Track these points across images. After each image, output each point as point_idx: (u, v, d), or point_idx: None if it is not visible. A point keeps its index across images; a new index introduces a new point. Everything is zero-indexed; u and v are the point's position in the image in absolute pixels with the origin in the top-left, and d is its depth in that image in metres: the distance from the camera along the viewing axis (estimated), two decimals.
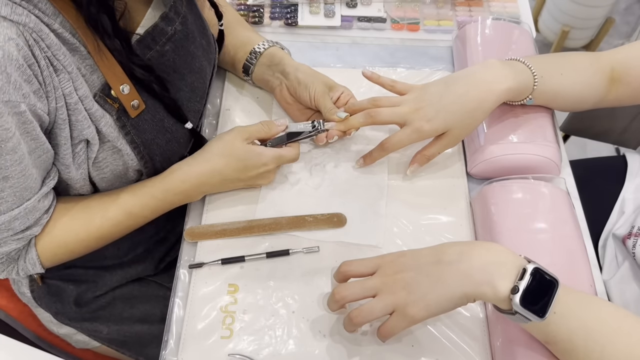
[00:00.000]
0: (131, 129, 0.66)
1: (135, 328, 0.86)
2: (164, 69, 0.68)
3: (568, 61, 0.77)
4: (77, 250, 0.71)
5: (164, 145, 0.70)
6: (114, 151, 0.66)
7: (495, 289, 0.55)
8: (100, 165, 0.67)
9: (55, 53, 0.57)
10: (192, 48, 0.73)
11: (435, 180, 0.80)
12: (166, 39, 0.68)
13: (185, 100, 0.72)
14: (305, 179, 0.80)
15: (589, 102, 0.78)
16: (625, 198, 0.92)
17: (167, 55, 0.69)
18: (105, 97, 0.63)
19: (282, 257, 0.73)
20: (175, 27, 0.69)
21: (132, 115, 0.65)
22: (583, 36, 2.00)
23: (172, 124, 0.70)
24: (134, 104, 0.65)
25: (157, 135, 0.69)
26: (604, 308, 0.57)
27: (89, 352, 0.92)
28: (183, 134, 0.72)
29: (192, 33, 0.73)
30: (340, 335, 0.67)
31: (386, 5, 1.01)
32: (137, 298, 0.86)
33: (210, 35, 0.80)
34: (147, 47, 0.66)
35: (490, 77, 0.72)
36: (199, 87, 0.76)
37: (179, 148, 0.73)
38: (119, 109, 0.64)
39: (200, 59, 0.75)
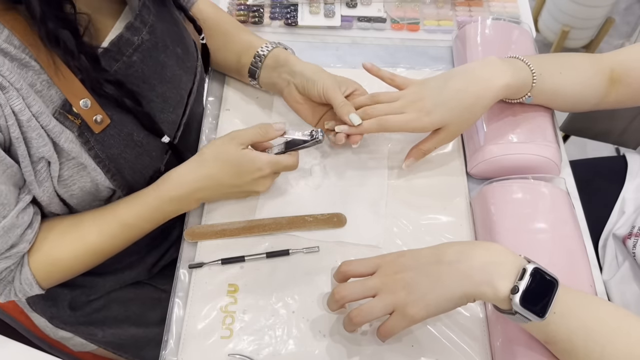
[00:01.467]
0: (95, 144, 0.63)
1: (131, 331, 0.86)
2: (132, 80, 0.66)
3: (568, 61, 0.77)
4: (75, 267, 0.69)
5: (134, 160, 0.68)
6: (80, 168, 0.64)
7: (495, 289, 0.55)
8: (67, 182, 0.64)
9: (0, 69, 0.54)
10: (162, 57, 0.71)
11: (435, 180, 0.80)
12: (133, 49, 0.66)
13: (157, 112, 0.70)
14: (305, 179, 0.80)
15: (588, 102, 0.78)
16: (626, 198, 0.92)
17: (134, 66, 0.66)
18: (65, 113, 0.60)
19: (282, 257, 0.73)
20: (142, 36, 0.67)
21: (95, 131, 0.62)
22: (583, 36, 2.00)
23: (142, 137, 0.68)
24: (96, 119, 0.62)
25: (124, 150, 0.66)
26: (603, 308, 0.57)
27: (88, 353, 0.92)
28: (155, 147, 0.70)
29: (162, 42, 0.71)
30: (340, 335, 0.67)
31: (386, 5, 1.01)
32: (132, 301, 0.86)
33: (190, 44, 0.78)
34: (112, 58, 0.64)
35: (488, 73, 0.72)
36: (172, 97, 0.73)
37: (151, 162, 0.70)
38: (81, 124, 0.61)
39: (174, 67, 0.73)
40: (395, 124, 0.73)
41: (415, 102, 0.73)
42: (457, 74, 0.74)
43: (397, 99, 0.75)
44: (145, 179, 0.71)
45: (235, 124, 0.86)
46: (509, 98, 0.77)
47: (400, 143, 0.83)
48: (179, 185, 0.69)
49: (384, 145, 0.83)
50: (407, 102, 0.73)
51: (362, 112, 0.75)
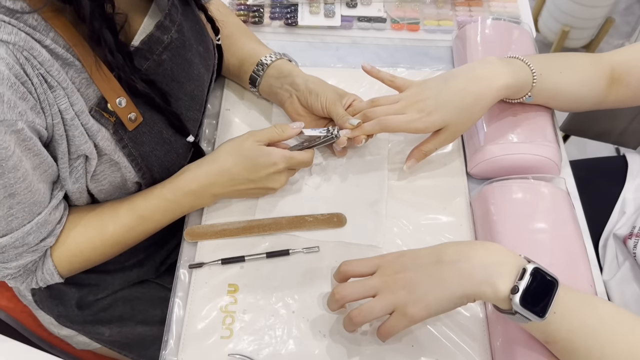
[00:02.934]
0: (128, 142, 0.65)
1: (137, 330, 0.86)
2: (162, 79, 0.67)
3: (567, 60, 0.77)
4: (93, 258, 0.71)
5: (163, 157, 0.69)
6: (112, 164, 0.66)
7: (495, 289, 0.55)
8: (98, 177, 0.66)
9: (49, 69, 0.56)
10: (189, 56, 0.72)
11: (435, 180, 0.80)
12: (163, 47, 0.67)
13: (184, 110, 0.72)
14: (305, 179, 0.80)
15: (588, 102, 0.78)
16: (626, 198, 0.92)
17: (164, 65, 0.68)
18: (101, 111, 0.62)
19: (282, 257, 0.73)
20: (172, 35, 0.68)
21: (129, 129, 0.64)
22: (583, 36, 2.00)
23: (170, 134, 0.69)
24: (131, 117, 0.64)
25: (155, 147, 0.68)
26: (604, 308, 0.57)
27: (89, 352, 0.92)
28: (182, 145, 0.72)
29: (188, 40, 0.72)
30: (340, 335, 0.67)
31: (386, 5, 1.01)
32: (139, 300, 0.86)
33: (209, 41, 0.79)
34: (143, 57, 0.65)
35: (488, 73, 0.72)
36: (198, 95, 0.75)
37: (177, 159, 0.72)
38: (116, 122, 0.63)
39: (198, 66, 0.74)
40: (396, 124, 0.73)
41: (415, 103, 0.73)
42: (457, 74, 0.74)
43: (397, 101, 0.75)
44: (170, 175, 0.72)
45: (236, 124, 0.86)
46: (510, 98, 0.77)
47: (400, 144, 0.83)
48: (193, 179, 0.70)
49: (384, 145, 0.83)
50: (408, 103, 0.73)
51: (361, 116, 0.75)
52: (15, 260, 0.64)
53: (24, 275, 0.67)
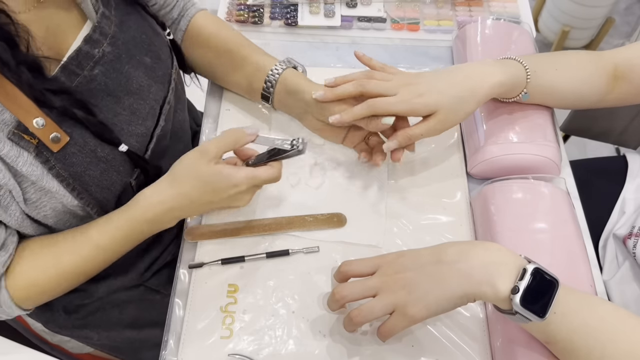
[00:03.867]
0: (56, 163, 0.60)
1: (126, 333, 0.85)
2: (95, 94, 0.64)
3: (563, 58, 0.78)
4: (52, 289, 0.67)
5: (99, 176, 0.65)
6: (44, 192, 0.61)
7: (496, 289, 0.55)
8: (36, 205, 0.62)
9: None
10: (126, 69, 0.68)
11: (435, 180, 0.80)
12: (94, 62, 0.63)
13: (125, 124, 0.67)
14: (305, 179, 0.80)
15: (589, 99, 0.78)
16: (626, 198, 0.92)
17: (97, 80, 0.64)
18: (20, 133, 0.56)
19: (282, 257, 0.73)
20: (103, 48, 0.64)
21: (54, 150, 0.59)
22: (583, 36, 2.00)
23: (107, 152, 0.65)
24: (53, 138, 0.58)
25: (88, 167, 0.63)
26: (604, 308, 0.57)
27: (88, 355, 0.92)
28: (122, 161, 0.67)
29: (126, 52, 0.68)
30: (340, 335, 0.67)
31: (386, 5, 1.01)
32: (126, 303, 0.85)
33: (162, 51, 0.75)
34: (72, 73, 0.62)
35: (482, 71, 0.72)
36: (140, 109, 0.70)
37: (119, 177, 0.67)
38: (38, 144, 0.58)
39: (140, 78, 0.70)
40: (385, 105, 0.71)
41: (408, 84, 0.72)
42: (453, 70, 0.74)
43: (391, 79, 0.74)
44: (114, 194, 0.68)
45: (236, 124, 0.86)
46: (505, 97, 0.77)
47: None
48: (150, 206, 0.66)
49: None
50: (400, 83, 0.72)
51: (356, 84, 0.73)
52: None
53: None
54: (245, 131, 0.67)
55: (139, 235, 0.68)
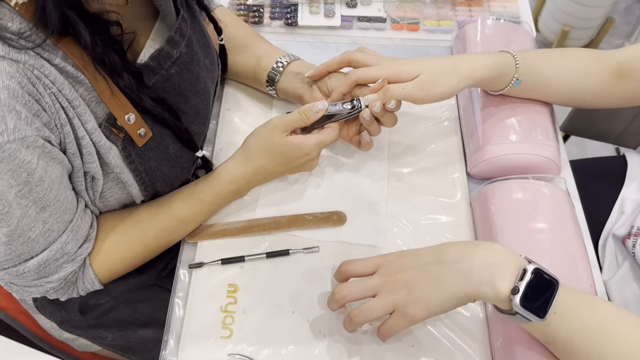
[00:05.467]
0: (136, 157, 0.65)
1: (140, 333, 0.85)
2: (168, 93, 0.67)
3: (557, 50, 0.79)
4: (134, 264, 0.72)
5: (168, 172, 0.69)
6: (118, 182, 0.66)
7: (496, 289, 0.55)
8: (105, 195, 0.66)
9: (60, 88, 0.56)
10: (197, 70, 0.72)
11: (436, 180, 0.80)
12: (171, 62, 0.67)
13: (189, 124, 0.71)
14: (305, 179, 0.80)
15: (591, 94, 0.77)
16: (625, 198, 0.92)
17: (172, 79, 0.67)
18: (110, 127, 0.61)
19: (282, 257, 0.73)
20: (181, 49, 0.68)
21: (139, 144, 0.64)
22: (583, 36, 2.00)
23: (177, 149, 0.69)
24: (140, 133, 0.63)
25: (161, 163, 0.68)
26: (604, 308, 0.57)
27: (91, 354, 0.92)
28: (187, 159, 0.71)
29: (196, 54, 0.71)
30: (340, 335, 0.67)
31: (386, 5, 1.01)
32: (141, 302, 0.85)
33: (214, 53, 0.79)
34: (152, 71, 0.65)
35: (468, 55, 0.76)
36: (203, 109, 0.74)
37: (182, 173, 0.72)
38: (125, 138, 0.63)
39: (205, 79, 0.74)
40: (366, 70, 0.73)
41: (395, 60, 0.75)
42: None
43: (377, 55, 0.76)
44: (172, 189, 0.73)
45: (236, 123, 0.86)
46: (496, 87, 0.76)
47: (401, 145, 0.83)
48: (231, 181, 0.72)
49: (384, 145, 0.83)
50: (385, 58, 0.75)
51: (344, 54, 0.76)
52: (56, 273, 0.63)
53: (65, 287, 0.67)
54: (313, 109, 0.71)
55: (220, 206, 0.75)
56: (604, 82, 0.76)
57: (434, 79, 0.72)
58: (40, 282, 0.63)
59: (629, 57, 0.76)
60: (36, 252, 0.60)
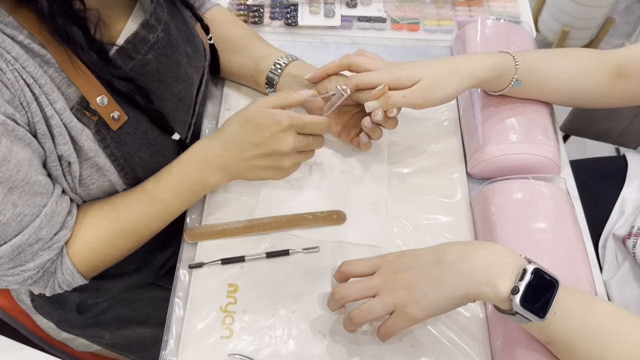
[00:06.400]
0: (111, 142, 0.63)
1: (137, 331, 0.85)
2: (147, 79, 0.66)
3: (557, 50, 0.79)
4: (115, 254, 0.70)
5: (148, 159, 0.68)
6: (96, 168, 0.64)
7: (496, 289, 0.55)
8: (85, 182, 0.65)
9: (25, 65, 0.55)
10: (176, 56, 0.70)
11: (435, 180, 0.80)
12: (148, 47, 0.66)
13: (171, 111, 0.70)
14: (305, 179, 0.80)
15: (591, 94, 0.77)
16: (625, 198, 0.92)
17: (150, 64, 0.66)
18: (83, 110, 0.60)
19: (282, 257, 0.73)
20: (157, 34, 0.67)
21: (113, 128, 0.62)
22: (583, 36, 2.00)
23: (156, 136, 0.68)
24: (114, 116, 0.62)
25: (139, 148, 0.66)
26: (604, 308, 0.57)
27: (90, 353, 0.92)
28: (168, 146, 0.70)
29: (175, 40, 0.70)
30: (340, 335, 0.67)
31: (386, 5, 1.01)
32: (138, 302, 0.86)
33: (199, 43, 0.78)
34: (128, 56, 0.64)
35: (468, 56, 0.76)
36: (186, 97, 0.73)
37: (164, 160, 0.70)
38: (99, 121, 0.61)
39: (186, 66, 0.73)
40: (367, 75, 0.73)
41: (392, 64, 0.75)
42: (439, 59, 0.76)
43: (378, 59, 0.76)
44: None
45: None
46: (496, 87, 0.76)
47: (401, 145, 0.83)
48: (199, 151, 0.69)
49: (384, 145, 0.83)
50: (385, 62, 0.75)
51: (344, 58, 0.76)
52: (32, 261, 0.62)
53: (45, 277, 0.65)
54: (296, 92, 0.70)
55: (189, 183, 0.69)
56: (604, 82, 0.76)
57: (434, 83, 0.71)
58: (17, 270, 0.62)
59: (629, 56, 0.76)
60: (9, 236, 0.59)
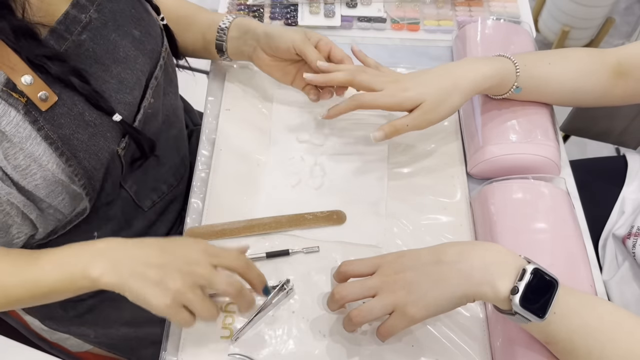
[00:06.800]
0: (44, 123, 0.60)
1: (122, 330, 0.85)
2: (83, 60, 0.64)
3: (557, 53, 0.78)
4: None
5: (87, 141, 0.64)
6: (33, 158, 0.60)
7: (495, 289, 0.55)
8: (26, 172, 0.61)
9: None
10: (113, 37, 0.68)
11: (436, 180, 0.80)
12: (81, 27, 0.64)
13: (113, 92, 0.68)
14: (305, 179, 0.80)
15: (591, 93, 0.77)
16: (625, 198, 0.92)
17: (84, 45, 0.65)
18: (9, 91, 0.57)
19: (282, 257, 0.73)
20: (90, 14, 0.65)
21: (42, 109, 0.59)
22: (583, 36, 2.00)
23: (95, 117, 0.65)
24: (41, 96, 0.59)
25: (76, 130, 0.63)
26: (604, 308, 0.57)
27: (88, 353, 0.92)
28: (110, 128, 0.66)
29: (113, 21, 0.69)
30: (340, 335, 0.67)
31: (386, 5, 1.01)
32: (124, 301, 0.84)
33: (151, 26, 0.76)
34: (61, 37, 0.62)
35: (468, 65, 0.75)
36: (127, 78, 0.70)
37: (106, 143, 0.66)
38: (27, 102, 0.58)
39: (127, 48, 0.70)
40: (371, 99, 0.73)
41: (394, 81, 0.74)
42: (440, 67, 0.76)
43: (381, 75, 0.76)
44: (102, 163, 0.67)
45: (236, 123, 0.86)
46: (496, 92, 0.77)
47: (401, 145, 0.83)
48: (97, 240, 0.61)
49: (384, 145, 0.83)
50: (388, 80, 0.74)
51: (347, 74, 0.75)
52: None
53: None
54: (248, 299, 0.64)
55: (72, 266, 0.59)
56: (604, 82, 0.76)
57: (437, 105, 0.72)
58: None
59: (628, 55, 0.76)
60: None
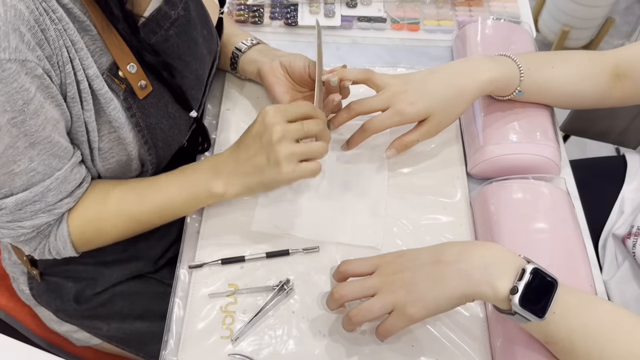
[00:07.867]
0: (137, 110, 0.65)
1: (136, 325, 0.86)
2: (169, 55, 0.68)
3: (559, 56, 0.78)
4: (108, 232, 0.70)
5: (167, 131, 0.70)
6: (118, 142, 0.66)
7: (495, 289, 0.55)
8: (106, 155, 0.66)
9: (66, 27, 0.57)
10: (194, 34, 0.73)
11: (436, 180, 0.80)
12: (170, 23, 0.68)
13: (189, 88, 0.73)
14: (305, 181, 0.80)
15: (589, 97, 0.78)
16: (625, 198, 0.92)
17: (171, 40, 0.69)
18: (112, 76, 0.62)
19: (282, 257, 0.73)
20: (178, 11, 0.69)
21: (139, 97, 0.65)
22: (583, 36, 2.00)
23: (175, 110, 0.70)
24: (141, 84, 0.64)
25: (161, 120, 0.68)
26: (603, 308, 0.57)
27: (89, 349, 0.92)
28: (184, 122, 0.72)
29: (194, 19, 0.73)
30: (339, 334, 0.67)
31: (386, 5, 1.01)
32: (137, 295, 0.86)
33: (212, 26, 0.80)
34: (151, 31, 0.66)
35: (472, 68, 0.74)
36: (202, 75, 0.76)
37: (179, 135, 0.73)
38: (126, 89, 0.63)
39: (202, 46, 0.75)
40: (380, 123, 0.74)
41: (399, 93, 0.73)
42: (443, 68, 0.75)
43: (382, 94, 0.75)
44: (171, 153, 0.73)
45: (236, 123, 0.86)
46: (499, 94, 0.77)
47: None
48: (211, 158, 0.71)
49: (384, 145, 0.83)
50: (392, 93, 0.74)
51: (350, 112, 0.75)
52: (30, 220, 0.62)
53: (37, 238, 0.66)
54: None
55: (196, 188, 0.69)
56: (603, 84, 0.76)
57: (444, 117, 0.74)
58: (13, 225, 0.62)
59: (626, 57, 0.76)
60: (17, 189, 0.59)
